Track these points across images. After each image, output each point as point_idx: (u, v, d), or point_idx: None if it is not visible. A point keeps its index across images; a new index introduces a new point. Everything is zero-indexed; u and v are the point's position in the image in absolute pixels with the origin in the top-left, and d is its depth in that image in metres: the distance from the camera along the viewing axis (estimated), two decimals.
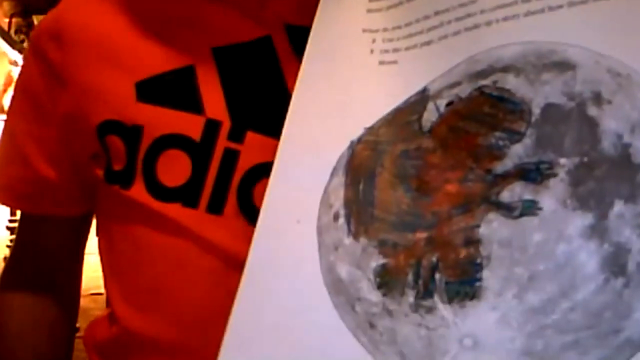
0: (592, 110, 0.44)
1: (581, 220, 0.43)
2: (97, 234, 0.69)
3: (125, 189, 0.61)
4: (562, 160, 0.44)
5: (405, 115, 0.51)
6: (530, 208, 0.44)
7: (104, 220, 0.68)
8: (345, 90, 0.53)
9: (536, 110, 0.46)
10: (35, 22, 3.36)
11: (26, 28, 3.35)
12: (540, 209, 0.44)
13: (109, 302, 0.65)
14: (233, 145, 0.59)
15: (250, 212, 0.57)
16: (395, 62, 0.52)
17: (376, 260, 0.48)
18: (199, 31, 0.63)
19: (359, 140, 0.51)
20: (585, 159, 0.44)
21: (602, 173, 0.43)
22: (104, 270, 0.67)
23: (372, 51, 0.54)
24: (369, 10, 0.55)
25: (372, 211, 0.49)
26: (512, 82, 0.47)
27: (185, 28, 0.63)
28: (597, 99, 0.44)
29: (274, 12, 0.62)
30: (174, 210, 0.59)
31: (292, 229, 0.51)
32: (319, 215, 0.50)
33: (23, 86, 0.71)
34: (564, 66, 0.46)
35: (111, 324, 0.64)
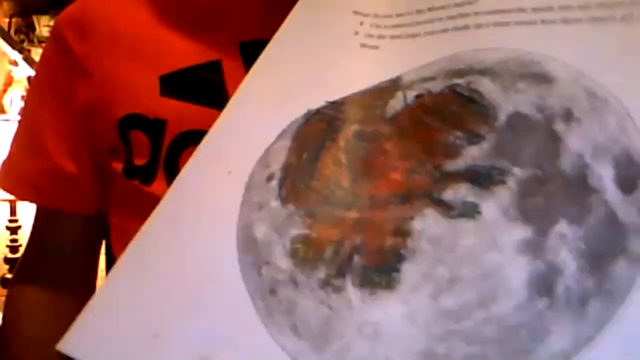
0: (559, 126, 0.41)
1: (518, 233, 0.40)
2: (109, 233, 0.66)
3: (146, 185, 0.59)
4: (515, 170, 0.41)
5: (372, 99, 0.48)
6: (469, 210, 0.41)
7: (120, 218, 0.65)
8: (318, 61, 0.51)
9: (502, 117, 0.43)
10: (35, 22, 3.32)
11: (26, 28, 3.31)
12: (479, 212, 0.41)
13: None
14: None
15: None
16: (376, 47, 0.50)
17: (298, 229, 0.44)
18: (227, 25, 0.61)
19: (318, 111, 0.48)
20: (540, 172, 0.41)
21: (554, 189, 0.40)
22: None
23: (356, 33, 0.51)
24: None
25: (308, 181, 0.46)
26: (485, 86, 0.45)
27: (213, 21, 0.61)
28: (567, 115, 0.42)
29: None
30: None
31: (220, 178, 0.47)
32: (252, 172, 0.47)
33: (43, 77, 0.68)
34: (542, 78, 0.43)
35: None
